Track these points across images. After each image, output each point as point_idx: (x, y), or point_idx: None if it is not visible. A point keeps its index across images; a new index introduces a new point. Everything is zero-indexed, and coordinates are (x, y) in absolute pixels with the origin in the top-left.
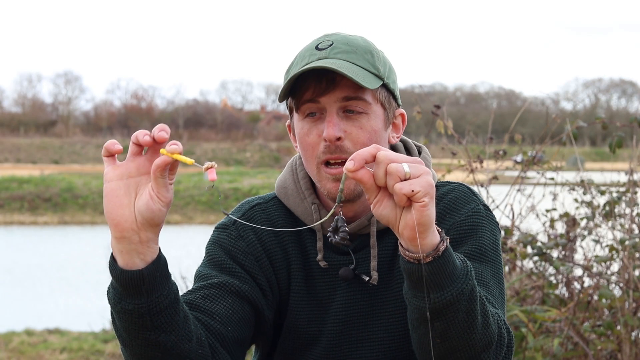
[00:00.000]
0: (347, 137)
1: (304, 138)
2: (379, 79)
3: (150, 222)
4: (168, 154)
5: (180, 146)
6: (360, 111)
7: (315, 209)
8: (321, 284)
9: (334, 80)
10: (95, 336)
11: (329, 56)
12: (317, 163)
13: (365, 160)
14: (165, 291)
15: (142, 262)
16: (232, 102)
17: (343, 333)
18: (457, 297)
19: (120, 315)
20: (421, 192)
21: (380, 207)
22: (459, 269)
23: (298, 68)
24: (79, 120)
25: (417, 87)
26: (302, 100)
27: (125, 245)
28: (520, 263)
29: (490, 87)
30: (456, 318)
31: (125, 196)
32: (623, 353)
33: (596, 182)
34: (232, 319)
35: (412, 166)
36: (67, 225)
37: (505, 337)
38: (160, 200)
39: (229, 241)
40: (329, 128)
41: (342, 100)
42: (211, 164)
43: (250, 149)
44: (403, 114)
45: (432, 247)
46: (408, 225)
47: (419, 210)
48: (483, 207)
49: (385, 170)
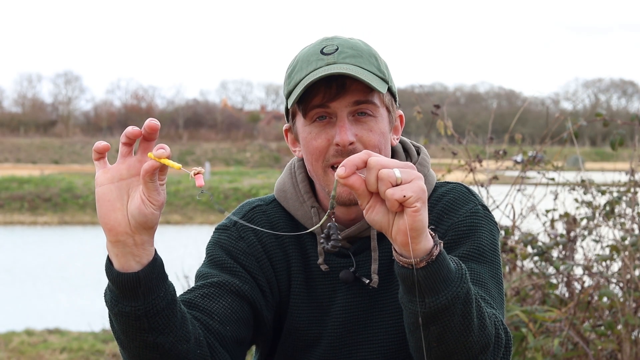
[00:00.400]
0: (358, 141)
1: (311, 142)
2: (384, 82)
3: (144, 226)
4: (156, 158)
5: (168, 150)
6: (370, 114)
7: (314, 212)
8: (321, 287)
9: (344, 85)
10: (95, 336)
11: (337, 61)
12: (324, 166)
13: (357, 166)
14: (162, 293)
15: (138, 265)
16: (232, 102)
17: (343, 335)
18: (453, 301)
19: (118, 317)
20: (413, 197)
21: (373, 212)
22: (454, 273)
23: (305, 73)
24: (79, 120)
25: (417, 87)
26: (310, 105)
27: (120, 248)
28: (521, 263)
29: (490, 87)
30: (452, 321)
31: (118, 200)
32: (623, 353)
33: (596, 182)
34: (231, 319)
35: (404, 171)
36: (67, 225)
37: (502, 337)
38: (152, 204)
39: (230, 242)
40: (342, 134)
41: (352, 104)
42: (198, 169)
43: (250, 149)
44: (401, 115)
45: (425, 251)
46: (401, 230)
47: (411, 216)
48: (481, 207)
49: (376, 175)
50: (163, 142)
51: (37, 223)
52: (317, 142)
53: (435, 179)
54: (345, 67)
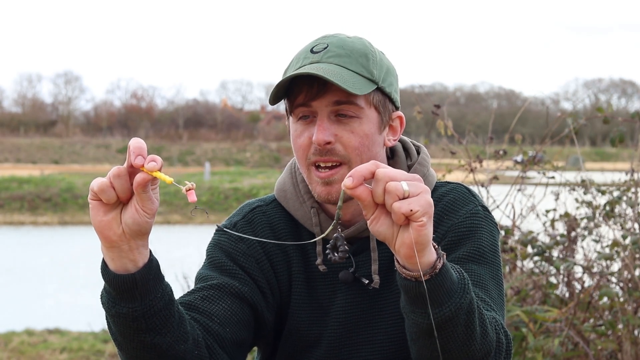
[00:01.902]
0: (337, 141)
1: (296, 140)
2: (372, 83)
3: (138, 233)
4: (148, 171)
5: (160, 162)
6: (352, 115)
7: (314, 213)
8: (322, 287)
9: (325, 85)
10: (95, 336)
11: (321, 60)
12: (307, 165)
13: (364, 177)
14: (159, 293)
15: (134, 267)
16: (232, 102)
17: (343, 336)
18: (456, 312)
19: (115, 319)
20: (420, 211)
21: (378, 224)
22: (456, 284)
23: (293, 71)
24: (79, 120)
25: (417, 87)
26: (295, 104)
27: (116, 253)
28: (521, 263)
29: (490, 87)
30: (455, 332)
31: (111, 211)
32: (624, 353)
33: (596, 182)
34: (230, 320)
35: (411, 184)
36: (67, 225)
37: (503, 342)
38: (146, 213)
39: (229, 243)
40: (319, 132)
41: (333, 104)
42: (190, 185)
43: (250, 149)
44: (401, 116)
45: (429, 265)
46: (405, 243)
47: (417, 230)
48: (481, 207)
49: (384, 188)
50: (163, 143)
51: (37, 223)
52: (300, 140)
53: (436, 178)
54: (323, 67)
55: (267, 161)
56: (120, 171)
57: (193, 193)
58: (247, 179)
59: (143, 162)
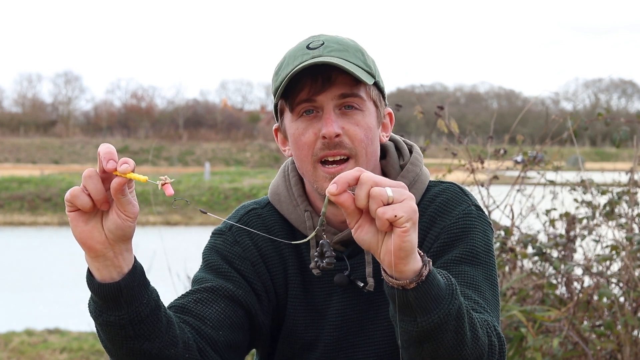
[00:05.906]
0: (344, 134)
1: (299, 138)
2: (371, 76)
3: (122, 237)
4: (121, 174)
5: (132, 163)
6: (356, 108)
7: (308, 217)
8: (318, 290)
9: (330, 78)
10: (95, 336)
11: (323, 54)
12: (313, 162)
13: (349, 183)
14: (144, 299)
15: (119, 275)
16: (232, 102)
17: (340, 338)
18: (445, 319)
19: (103, 327)
20: (404, 217)
21: (362, 232)
22: (444, 290)
23: (291, 68)
24: (79, 120)
25: (418, 87)
26: (297, 100)
27: (101, 262)
28: (521, 263)
29: (490, 87)
30: (445, 338)
31: (91, 219)
32: (623, 353)
33: (596, 182)
34: (224, 323)
35: (396, 190)
36: (67, 225)
37: (496, 344)
38: (128, 217)
39: (225, 246)
40: (328, 125)
41: (339, 97)
42: (164, 178)
43: (250, 149)
44: (391, 113)
45: (414, 272)
46: (390, 251)
47: (400, 236)
48: (475, 207)
49: (367, 192)
50: (163, 143)
51: (37, 223)
52: (305, 137)
53: (429, 177)
54: (330, 59)
55: (267, 161)
56: (91, 172)
57: (169, 186)
58: (247, 179)
59: (115, 166)
